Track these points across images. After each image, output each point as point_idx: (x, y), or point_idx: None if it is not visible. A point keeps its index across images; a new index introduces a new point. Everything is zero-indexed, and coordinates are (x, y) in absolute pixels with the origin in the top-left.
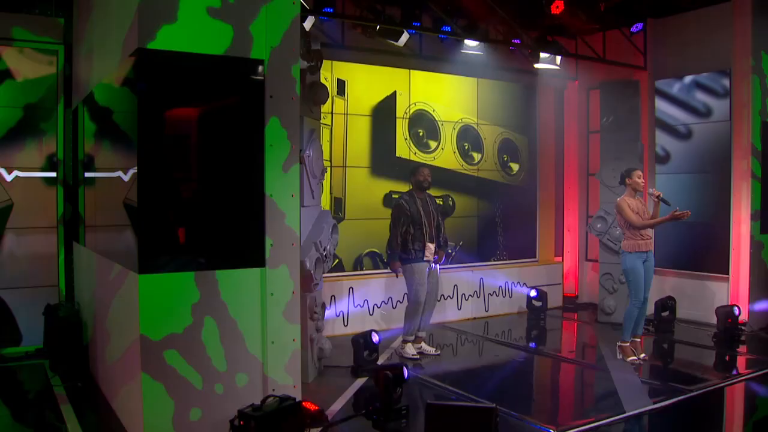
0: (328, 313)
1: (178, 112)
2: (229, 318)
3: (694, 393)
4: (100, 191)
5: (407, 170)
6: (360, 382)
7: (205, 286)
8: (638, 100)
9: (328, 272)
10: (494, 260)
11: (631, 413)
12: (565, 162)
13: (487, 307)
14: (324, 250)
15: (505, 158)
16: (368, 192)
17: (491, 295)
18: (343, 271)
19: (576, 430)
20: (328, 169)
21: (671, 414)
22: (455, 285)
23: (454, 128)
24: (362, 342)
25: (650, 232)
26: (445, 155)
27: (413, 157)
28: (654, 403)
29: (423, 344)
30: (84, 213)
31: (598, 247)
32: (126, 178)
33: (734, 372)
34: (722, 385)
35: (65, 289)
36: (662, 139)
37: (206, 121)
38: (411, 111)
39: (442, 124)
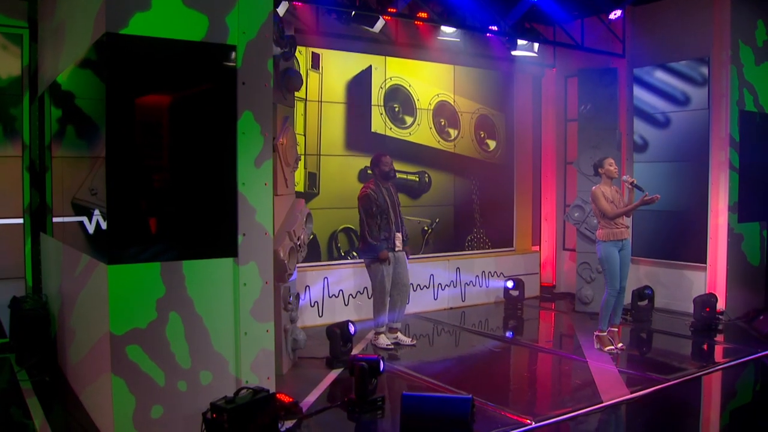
0: (303, 303)
1: (148, 99)
2: (195, 313)
3: (672, 382)
4: (69, 180)
5: (382, 145)
6: (335, 373)
7: (173, 278)
8: (616, 88)
9: (302, 262)
10: (471, 237)
11: (608, 403)
12: (542, 150)
13: (464, 297)
14: (298, 239)
15: (482, 135)
16: (343, 167)
17: (468, 285)
18: (317, 247)
19: (553, 420)
20: (302, 142)
21: (648, 403)
22: (431, 275)
23: (430, 104)
24: (338, 333)
25: (626, 220)
26: (421, 131)
27: (389, 133)
28: (631, 392)
29: (399, 334)
30: (51, 202)
31: (576, 237)
32: (91, 167)
33: (711, 361)
34: (699, 374)
35: (32, 281)
36: (640, 128)
37: (177, 108)
38: (387, 86)
39: (418, 100)
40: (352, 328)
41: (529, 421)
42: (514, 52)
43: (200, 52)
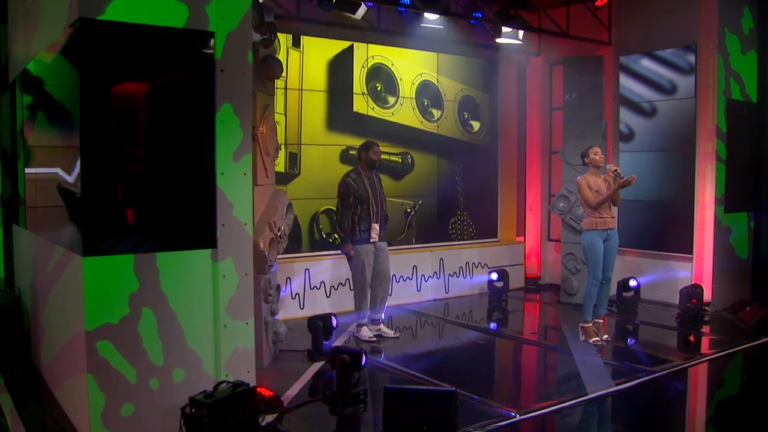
0: (283, 295)
1: (123, 87)
2: (169, 309)
3: (658, 374)
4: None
5: (364, 125)
6: (317, 366)
7: (147, 272)
8: (602, 77)
9: (283, 253)
10: (455, 220)
11: (593, 395)
12: (527, 139)
13: (448, 289)
14: (278, 230)
15: (466, 116)
16: (325, 148)
17: (452, 276)
18: (298, 229)
19: (538, 412)
20: (283, 121)
21: (634, 395)
22: (414, 266)
23: (413, 83)
24: (320, 325)
25: (611, 210)
26: (404, 111)
27: (371, 112)
28: (617, 384)
29: (381, 326)
30: (24, 193)
31: (561, 227)
32: (69, 158)
33: (698, 352)
34: (686, 365)
35: (5, 274)
36: (626, 117)
37: (154, 96)
38: (369, 64)
39: (401, 79)
40: (334, 321)
41: (513, 414)
42: (498, 40)
43: (178, 39)
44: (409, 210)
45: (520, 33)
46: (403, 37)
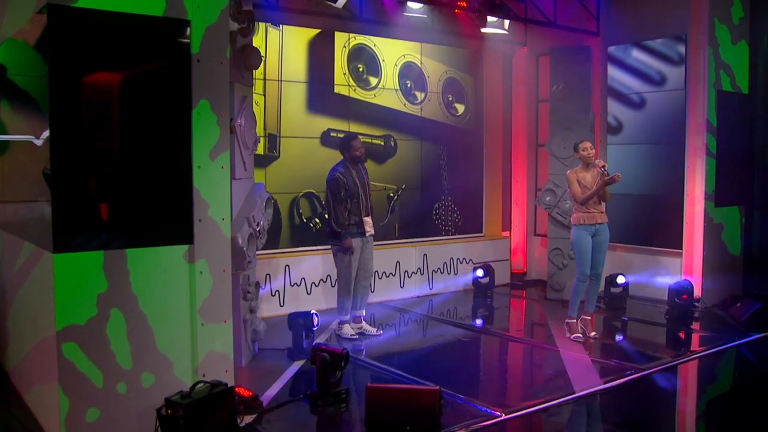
0: (263, 292)
1: (95, 78)
2: (139, 310)
3: (646, 372)
4: (10, 162)
5: (345, 107)
6: (297, 365)
7: (116, 269)
8: (590, 67)
9: (262, 249)
10: (439, 205)
11: (581, 393)
12: (513, 132)
13: (432, 285)
14: (257, 225)
15: (450, 98)
16: (305, 129)
17: (435, 272)
18: (278, 214)
19: (524, 411)
20: (261, 102)
21: (622, 393)
22: (398, 262)
23: (396, 65)
24: (301, 322)
25: (601, 205)
26: (387, 93)
27: (352, 94)
28: (605, 382)
29: (363, 324)
30: None
31: (547, 222)
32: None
33: (687, 350)
34: (675, 363)
35: None
36: (614, 109)
37: (128, 87)
38: (351, 45)
39: (383, 60)
40: (315, 318)
41: (499, 413)
42: (483, 30)
43: (153, 28)
44: (392, 195)
45: (506, 22)
46: (385, 26)
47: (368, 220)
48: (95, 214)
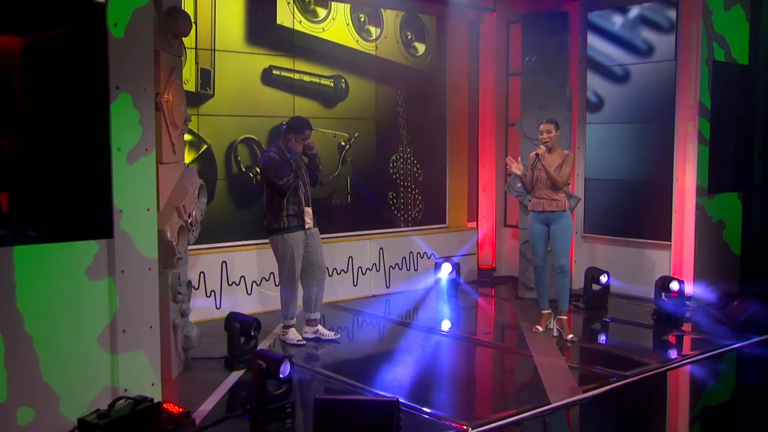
0: (196, 293)
1: None
2: (23, 331)
3: (631, 379)
4: None
5: (289, 40)
6: (236, 376)
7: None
8: (567, 36)
9: (194, 243)
10: (396, 157)
11: (557, 404)
12: (479, 110)
13: (389, 283)
14: (189, 216)
15: (409, 36)
16: (243, 65)
17: (393, 269)
18: (213, 161)
19: (494, 425)
20: (192, 34)
21: (604, 403)
22: (350, 257)
23: None
24: (237, 327)
25: (551, 192)
26: (337, 27)
27: (298, 27)
28: (584, 391)
29: (319, 327)
30: None
31: (519, 211)
32: None
33: (677, 354)
34: (663, 369)
35: None
36: (595, 83)
37: (33, 54)
38: None
39: None
40: (255, 322)
41: (465, 427)
42: None
43: None
44: (343, 143)
45: None
46: None
47: (308, 210)
48: None
